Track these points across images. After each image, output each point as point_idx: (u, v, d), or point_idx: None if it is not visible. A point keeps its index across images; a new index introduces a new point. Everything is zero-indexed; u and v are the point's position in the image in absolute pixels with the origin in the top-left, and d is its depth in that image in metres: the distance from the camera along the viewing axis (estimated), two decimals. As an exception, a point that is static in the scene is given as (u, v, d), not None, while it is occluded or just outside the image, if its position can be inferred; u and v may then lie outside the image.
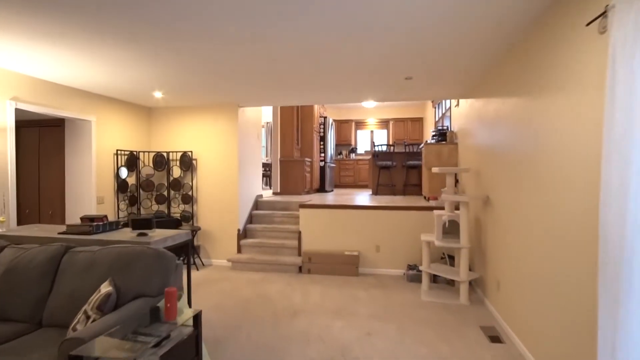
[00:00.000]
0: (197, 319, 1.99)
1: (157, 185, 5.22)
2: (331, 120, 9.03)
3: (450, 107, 6.03)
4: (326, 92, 4.45)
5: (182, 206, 5.30)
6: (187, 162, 5.20)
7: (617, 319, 1.34)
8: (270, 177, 7.44)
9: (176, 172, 5.29)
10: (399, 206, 4.76)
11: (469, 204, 4.20)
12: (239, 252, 5.16)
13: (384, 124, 10.54)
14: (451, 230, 4.02)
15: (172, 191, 5.27)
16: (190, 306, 2.76)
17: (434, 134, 6.00)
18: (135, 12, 2.27)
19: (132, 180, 5.06)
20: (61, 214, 4.52)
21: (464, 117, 4.86)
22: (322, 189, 8.48)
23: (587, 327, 1.77)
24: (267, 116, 7.74)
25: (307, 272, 4.75)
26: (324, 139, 8.58)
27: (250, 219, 5.59)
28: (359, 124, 10.73)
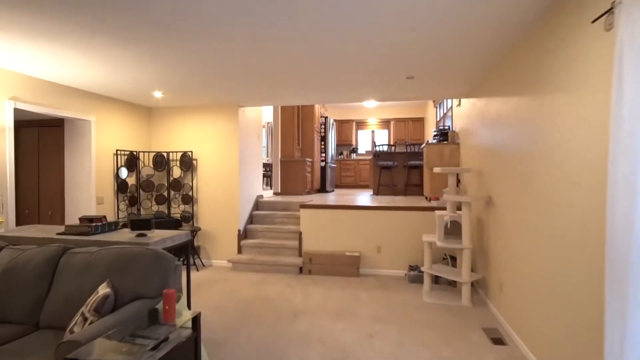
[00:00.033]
0: (196, 321, 1.97)
1: (157, 185, 5.20)
2: (332, 120, 9.00)
3: (451, 107, 5.99)
4: (327, 91, 4.43)
5: (182, 206, 5.27)
6: (187, 162, 5.18)
7: (625, 319, 1.31)
8: (270, 177, 7.42)
9: (176, 172, 5.27)
10: (400, 206, 4.73)
11: (471, 204, 4.17)
12: (239, 252, 5.14)
13: (385, 124, 10.51)
14: (453, 230, 3.99)
15: (172, 191, 5.24)
16: (189, 308, 2.73)
17: (435, 133, 5.96)
18: (135, 12, 2.25)
19: (132, 180, 5.04)
20: (61, 215, 4.50)
21: (465, 117, 4.83)
22: (322, 189, 8.45)
23: (592, 328, 1.74)
24: (267, 116, 7.71)
25: (307, 273, 4.72)
26: (324, 139, 8.55)
27: (250, 220, 5.56)
28: (360, 124, 10.70)
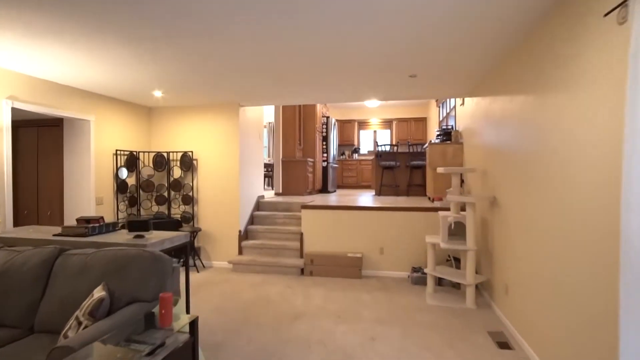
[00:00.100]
0: (193, 325, 1.91)
1: (157, 185, 5.15)
2: (334, 120, 8.94)
3: (455, 106, 5.93)
4: (329, 90, 4.37)
5: (182, 207, 5.23)
6: (187, 163, 5.13)
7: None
8: (272, 177, 7.37)
9: (176, 172, 5.22)
10: (402, 207, 4.66)
11: (475, 205, 4.10)
12: (240, 253, 5.08)
13: (387, 124, 10.44)
14: (457, 231, 3.92)
15: (172, 192, 5.20)
16: (188, 311, 2.68)
17: (438, 133, 5.90)
18: (135, 10, 2.21)
19: (131, 180, 4.99)
20: (60, 215, 4.46)
21: (469, 116, 4.76)
22: (324, 190, 8.39)
23: (603, 331, 1.67)
24: (268, 116, 7.67)
25: (309, 274, 4.66)
26: (326, 139, 8.49)
27: (251, 220, 5.51)
28: (362, 124, 10.64)
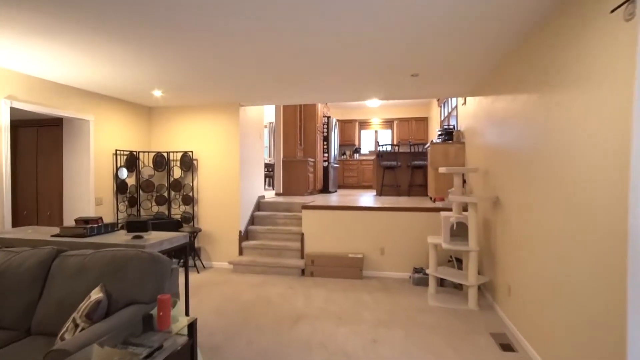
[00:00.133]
0: (192, 327, 1.88)
1: (157, 186, 5.13)
2: (335, 120, 8.91)
3: (456, 106, 5.89)
4: (329, 90, 4.33)
5: (182, 207, 5.20)
6: (187, 163, 5.10)
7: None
8: (273, 177, 7.34)
9: (177, 172, 5.20)
10: (404, 207, 4.63)
11: (478, 205, 4.07)
12: (240, 254, 5.05)
13: (388, 124, 10.40)
14: (459, 232, 3.88)
15: (172, 192, 5.17)
16: (187, 313, 2.65)
17: (440, 133, 5.86)
18: (135, 7, 2.18)
19: (131, 180, 4.97)
20: (59, 216, 4.44)
21: (471, 116, 4.72)
22: (325, 190, 8.36)
23: (609, 333, 1.64)
24: (269, 116, 7.64)
25: (310, 275, 4.63)
26: (327, 139, 8.45)
27: (252, 220, 5.48)
28: (363, 124, 10.60)
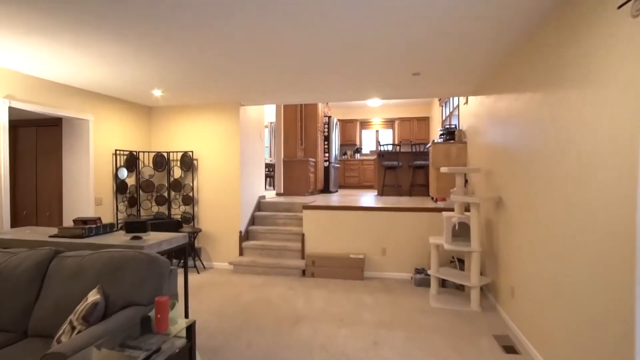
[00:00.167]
0: (190, 330, 1.85)
1: (157, 186, 5.10)
2: (335, 119, 8.88)
3: (458, 105, 5.85)
4: (330, 89, 4.30)
5: (182, 207, 5.17)
6: (187, 163, 5.08)
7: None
8: (273, 177, 7.31)
9: (177, 172, 5.17)
10: (405, 207, 4.59)
11: (480, 206, 4.03)
12: (240, 254, 5.03)
13: (390, 124, 10.37)
14: (461, 232, 3.85)
15: (172, 192, 5.15)
16: (187, 314, 2.62)
17: (441, 132, 5.83)
18: (135, 6, 2.15)
19: (131, 180, 4.95)
20: (59, 216, 4.42)
21: (473, 115, 4.68)
22: (326, 190, 8.32)
23: (615, 336, 1.60)
24: (270, 115, 7.61)
25: (310, 276, 4.60)
26: (328, 139, 8.42)
27: (252, 221, 5.45)
28: (364, 124, 10.57)
